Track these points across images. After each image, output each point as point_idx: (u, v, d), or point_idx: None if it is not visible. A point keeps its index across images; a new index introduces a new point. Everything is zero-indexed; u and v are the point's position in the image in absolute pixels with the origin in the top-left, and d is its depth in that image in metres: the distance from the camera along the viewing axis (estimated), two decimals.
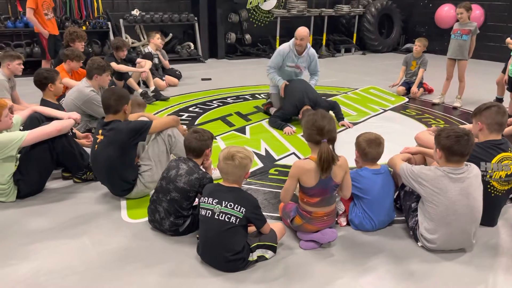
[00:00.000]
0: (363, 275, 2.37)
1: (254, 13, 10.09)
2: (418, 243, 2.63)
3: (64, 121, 3.27)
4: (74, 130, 3.58)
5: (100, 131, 3.04)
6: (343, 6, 10.73)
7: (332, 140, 2.49)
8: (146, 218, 2.83)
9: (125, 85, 6.05)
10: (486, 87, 6.65)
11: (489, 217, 2.82)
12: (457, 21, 5.70)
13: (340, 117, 5.02)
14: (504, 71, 5.54)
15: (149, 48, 6.83)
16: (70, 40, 5.54)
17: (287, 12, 9.98)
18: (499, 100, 5.76)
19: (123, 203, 3.12)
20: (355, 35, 11.20)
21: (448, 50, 5.88)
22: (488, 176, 2.72)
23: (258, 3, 10.10)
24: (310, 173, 2.46)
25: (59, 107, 3.79)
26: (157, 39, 6.83)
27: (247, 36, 10.19)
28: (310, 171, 2.46)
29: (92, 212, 2.99)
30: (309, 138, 2.53)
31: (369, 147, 2.79)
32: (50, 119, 3.36)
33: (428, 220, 2.54)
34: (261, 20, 10.23)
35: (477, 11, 9.58)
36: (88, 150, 3.49)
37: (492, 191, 2.75)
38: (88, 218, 2.91)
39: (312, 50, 5.20)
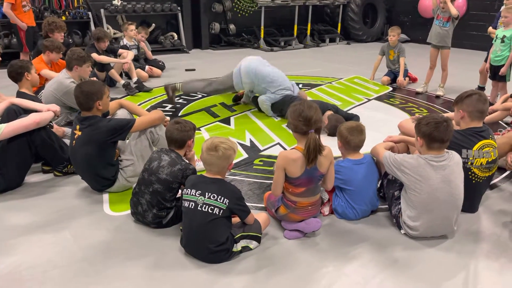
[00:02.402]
0: (347, 263, 2.39)
1: (238, 2, 10.00)
2: (401, 230, 2.65)
3: (43, 113, 3.19)
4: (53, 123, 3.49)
5: (78, 127, 2.96)
6: None
7: (318, 130, 2.48)
8: (129, 211, 2.79)
9: (107, 76, 5.96)
10: (469, 76, 6.72)
11: (470, 204, 2.86)
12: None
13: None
14: (486, 59, 5.59)
15: (125, 40, 6.70)
16: (49, 31, 5.42)
17: (272, 2, 9.90)
18: (481, 88, 5.82)
19: (105, 196, 3.07)
20: (339, 24, 11.21)
21: (429, 35, 5.90)
22: (469, 163, 2.75)
23: None
24: (296, 163, 2.45)
25: (36, 99, 3.70)
26: (130, 31, 6.68)
27: (232, 26, 10.12)
28: (295, 161, 2.45)
29: (73, 206, 2.94)
30: (296, 129, 2.50)
31: (351, 135, 2.78)
32: (28, 111, 3.27)
33: (410, 208, 2.56)
34: (245, 10, 10.15)
35: (460, 0, 9.64)
36: (67, 141, 3.43)
37: (473, 178, 2.79)
38: (69, 212, 2.86)
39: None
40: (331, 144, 2.68)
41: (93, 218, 2.80)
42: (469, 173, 2.75)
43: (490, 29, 5.71)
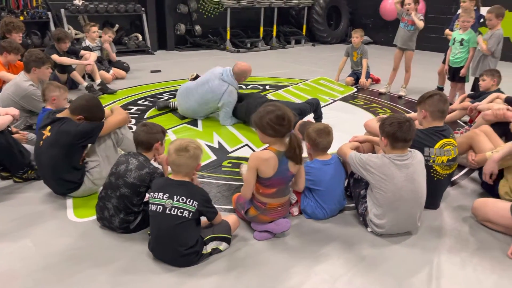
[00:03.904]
0: (317, 262, 2.41)
1: (204, 3, 9.94)
2: (368, 228, 2.71)
3: (1, 117, 3.06)
4: (11, 128, 3.35)
5: (49, 128, 2.87)
6: None
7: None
8: (94, 217, 2.71)
9: (69, 78, 5.78)
10: (428, 77, 6.95)
11: (432, 201, 2.95)
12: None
13: (319, 115, 4.72)
14: (444, 61, 5.80)
15: (87, 42, 6.52)
16: (6, 31, 5.20)
17: (237, 3, 9.91)
18: (440, 89, 6.04)
19: (69, 201, 2.97)
20: (304, 26, 11.35)
21: (396, 38, 6.08)
22: (431, 161, 2.84)
23: None
24: (268, 163, 2.44)
25: None
26: (92, 33, 6.51)
27: (197, 27, 10.05)
28: (268, 160, 2.44)
29: (35, 213, 2.83)
30: (276, 134, 2.46)
31: (320, 137, 2.82)
32: None
33: (376, 206, 2.62)
34: (210, 11, 10.10)
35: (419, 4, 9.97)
36: (27, 146, 3.31)
37: (435, 176, 2.88)
38: (30, 219, 2.75)
39: None
40: None
41: (56, 225, 2.70)
42: (431, 170, 2.85)
43: (447, 31, 5.93)
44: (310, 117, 4.66)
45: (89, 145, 3.05)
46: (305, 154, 2.97)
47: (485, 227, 2.80)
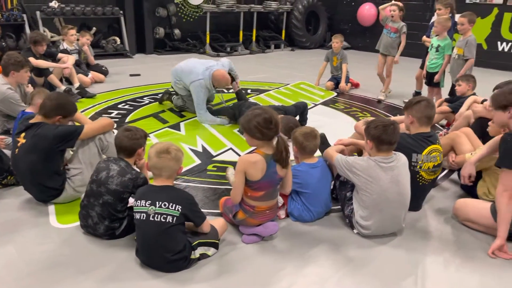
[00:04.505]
0: (305, 264, 2.43)
1: (183, 7, 9.89)
2: (354, 230, 2.75)
3: None
4: None
5: (23, 134, 2.79)
6: (272, 2, 10.89)
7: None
8: (78, 223, 2.65)
9: (46, 82, 5.65)
10: (406, 82, 7.10)
11: (416, 204, 3.01)
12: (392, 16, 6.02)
13: (304, 119, 4.89)
14: (421, 66, 5.94)
15: (64, 45, 6.40)
16: None
17: (217, 8, 9.91)
18: (418, 93, 6.18)
19: (51, 208, 2.90)
20: (283, 31, 11.43)
21: (378, 43, 6.24)
22: (418, 167, 2.89)
23: None
24: (256, 166, 2.45)
25: None
26: (70, 36, 6.39)
27: (176, 31, 9.98)
28: (255, 163, 2.45)
29: (16, 219, 2.76)
30: (264, 137, 2.47)
31: (307, 141, 2.85)
32: None
33: (362, 208, 2.66)
34: (190, 15, 10.07)
35: None
36: (7, 151, 3.22)
37: (420, 181, 2.94)
38: (12, 226, 2.67)
39: None
40: None
41: (39, 231, 2.63)
42: (417, 176, 2.90)
43: (424, 38, 6.09)
44: None
45: (71, 150, 2.99)
46: (292, 157, 3.00)
47: (466, 227, 2.88)
